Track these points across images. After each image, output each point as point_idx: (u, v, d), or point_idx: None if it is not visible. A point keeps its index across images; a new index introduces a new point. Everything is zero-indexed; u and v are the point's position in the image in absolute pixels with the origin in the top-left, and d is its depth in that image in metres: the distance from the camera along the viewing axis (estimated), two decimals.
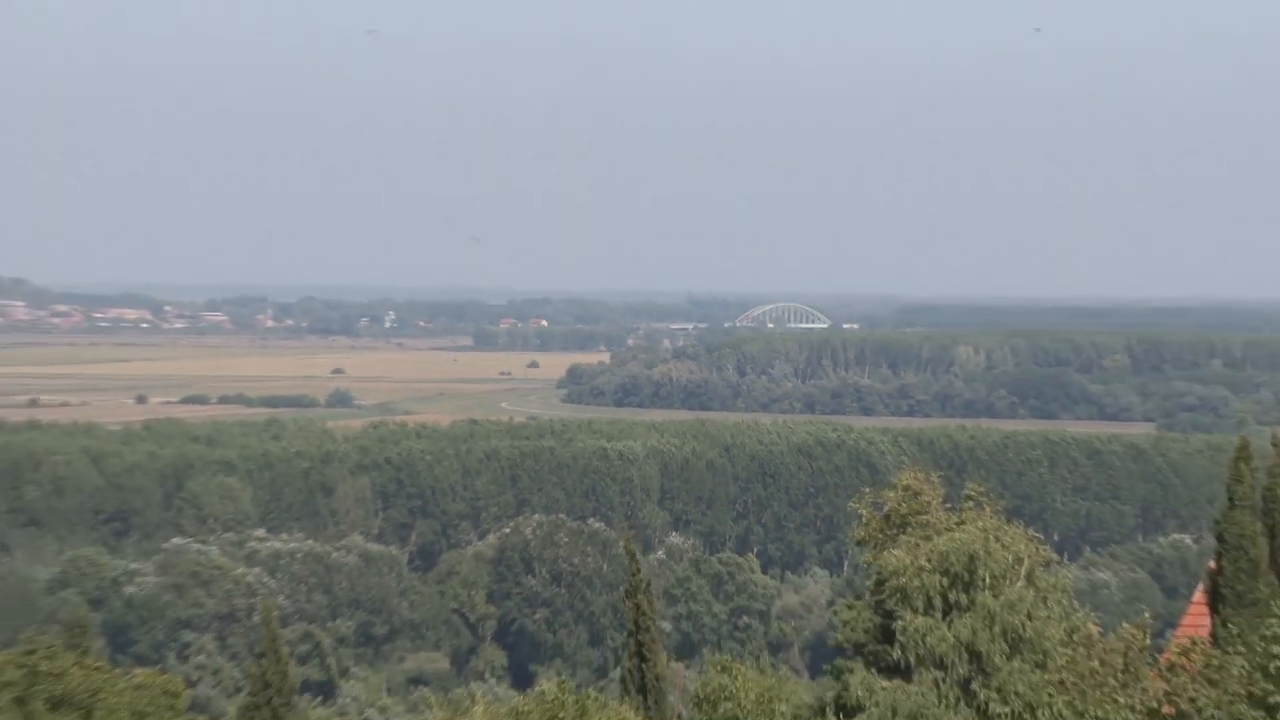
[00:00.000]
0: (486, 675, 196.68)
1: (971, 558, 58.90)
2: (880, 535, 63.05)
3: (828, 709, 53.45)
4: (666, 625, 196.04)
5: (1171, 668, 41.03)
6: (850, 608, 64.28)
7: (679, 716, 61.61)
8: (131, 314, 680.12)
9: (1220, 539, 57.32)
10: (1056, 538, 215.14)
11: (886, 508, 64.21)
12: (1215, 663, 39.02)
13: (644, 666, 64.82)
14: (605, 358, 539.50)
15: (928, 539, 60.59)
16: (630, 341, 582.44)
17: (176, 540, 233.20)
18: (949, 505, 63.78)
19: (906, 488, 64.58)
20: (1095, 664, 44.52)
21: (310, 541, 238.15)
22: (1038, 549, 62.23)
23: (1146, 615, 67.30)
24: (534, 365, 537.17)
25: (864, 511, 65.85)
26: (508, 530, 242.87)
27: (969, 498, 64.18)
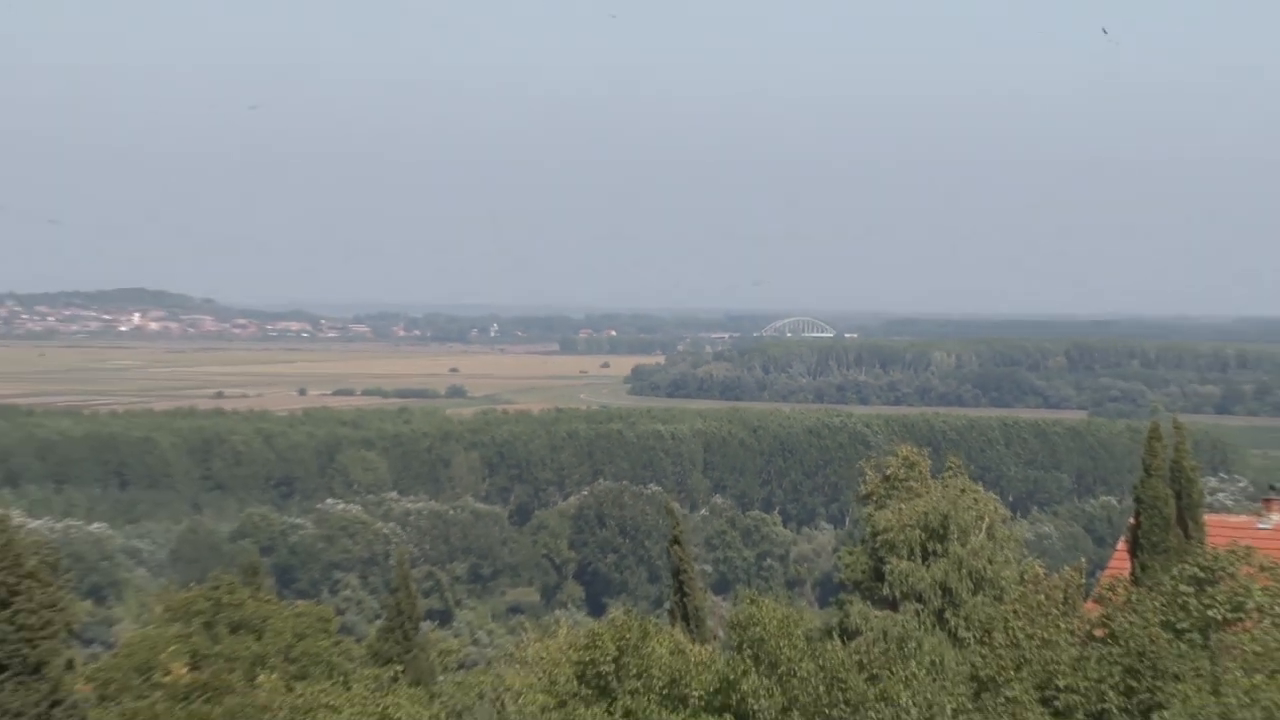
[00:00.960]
0: (569, 605, 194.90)
1: (945, 516, 59.25)
2: (880, 492, 61.51)
3: (833, 632, 51.71)
4: (708, 568, 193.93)
5: (1101, 600, 41.03)
6: (850, 554, 63.07)
7: (716, 637, 58.11)
8: (295, 326, 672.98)
9: (1138, 500, 55.71)
10: (1010, 499, 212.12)
11: (888, 471, 62.27)
12: (1135, 596, 38.89)
13: (684, 599, 63.08)
14: (661, 360, 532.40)
15: (912, 500, 60.97)
16: (680, 347, 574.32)
17: (329, 500, 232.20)
18: (933, 474, 61.35)
19: (905, 458, 62.70)
20: (1041, 598, 43.19)
21: (432, 502, 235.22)
22: (995, 508, 62.13)
23: (1081, 560, 68.11)
24: (606, 365, 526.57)
25: (869, 471, 64.11)
26: (584, 493, 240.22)
27: (949, 468, 62.29)
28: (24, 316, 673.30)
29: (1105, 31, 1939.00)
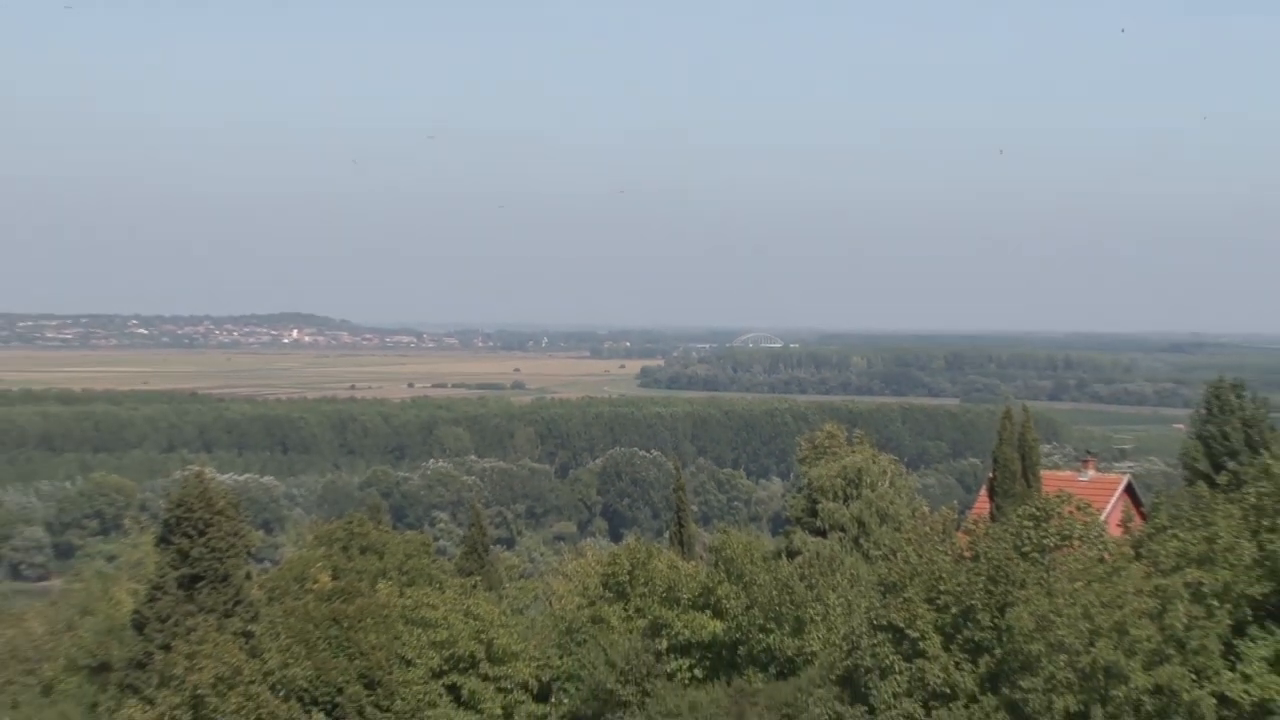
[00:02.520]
0: (596, 535, 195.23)
1: (859, 470, 58.62)
2: (813, 455, 62.80)
3: (781, 553, 51.95)
4: (695, 508, 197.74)
5: (969, 531, 40.02)
6: (793, 498, 64.27)
7: (701, 558, 57.50)
8: (405, 339, 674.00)
9: (994, 461, 57.36)
10: (905, 460, 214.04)
11: (818, 440, 63.84)
12: (992, 528, 38.54)
13: (681, 531, 63.78)
14: (661, 362, 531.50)
15: (835, 460, 60.51)
16: (674, 354, 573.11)
17: (429, 461, 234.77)
18: (849, 443, 63.15)
19: (829, 431, 64.40)
20: (926, 529, 42.47)
21: (500, 462, 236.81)
22: (894, 466, 62.14)
23: (954, 503, 69.03)
24: (622, 367, 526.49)
25: (803, 442, 66.11)
26: (607, 456, 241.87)
27: (860, 439, 63.96)
28: (216, 332, 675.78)
29: (1001, 152, 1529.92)
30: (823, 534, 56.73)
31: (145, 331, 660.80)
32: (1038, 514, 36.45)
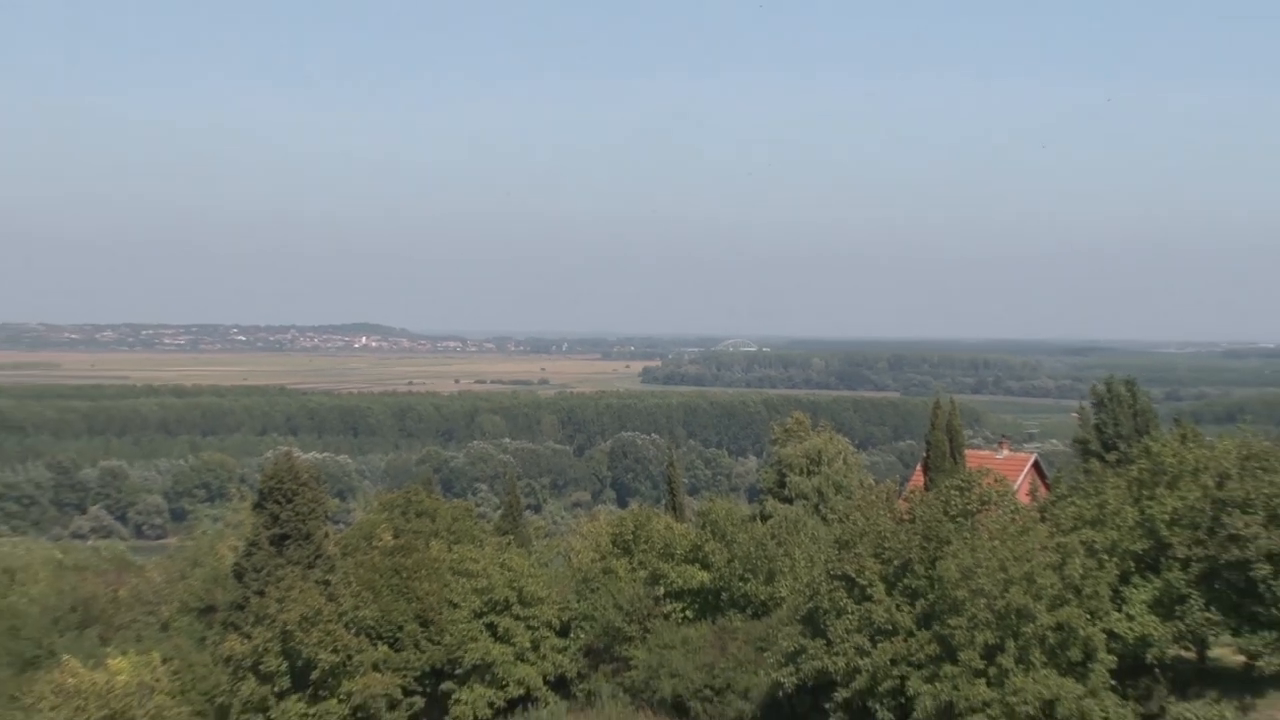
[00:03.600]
0: (606, 502, 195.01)
1: (819, 450, 59.08)
2: (781, 438, 62.52)
3: (756, 517, 51.55)
4: (686, 481, 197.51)
5: (908, 498, 39.50)
6: (766, 472, 64.57)
7: (690, 521, 55.58)
8: (452, 344, 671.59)
9: (928, 443, 56.90)
10: (856, 442, 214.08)
11: (786, 426, 63.44)
12: (926, 497, 37.79)
13: (674, 499, 63.14)
14: (659, 363, 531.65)
15: (799, 442, 60.62)
16: (670, 356, 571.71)
17: (472, 442, 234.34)
18: (810, 428, 62.69)
19: (795, 419, 64.14)
20: (872, 497, 41.21)
21: (529, 443, 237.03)
22: (847, 447, 62.46)
23: (895, 477, 68.98)
24: (628, 366, 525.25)
25: (775, 428, 65.44)
26: (615, 439, 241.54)
27: (821, 425, 63.67)
28: (300, 339, 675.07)
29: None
30: (790, 501, 56.54)
31: (243, 338, 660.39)
32: (962, 485, 36.31)
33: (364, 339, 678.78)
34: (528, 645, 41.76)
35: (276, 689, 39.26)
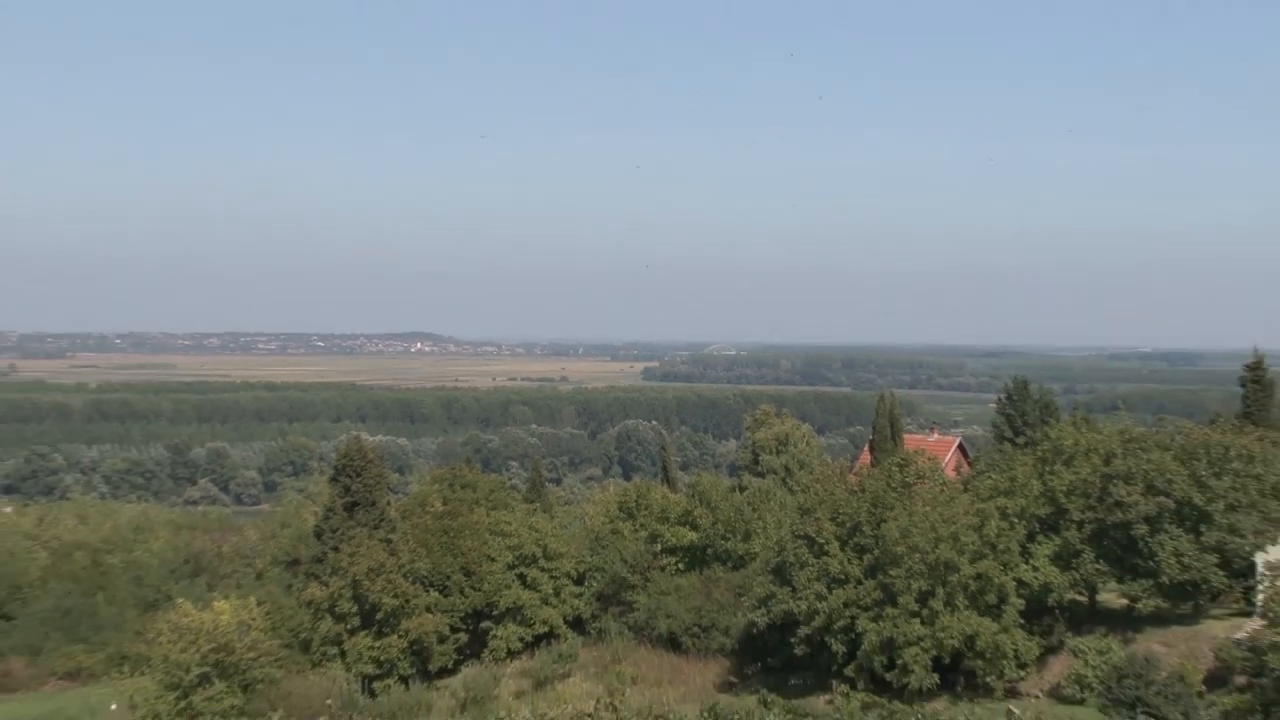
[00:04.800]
0: (615, 477, 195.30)
1: (786, 435, 58.57)
2: (754, 425, 62.00)
3: (735, 488, 50.98)
4: (678, 459, 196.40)
5: (858, 473, 39.67)
6: (743, 452, 64.03)
7: (681, 492, 55.59)
8: (490, 349, 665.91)
9: (874, 427, 56.24)
10: (817, 428, 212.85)
11: (758, 414, 63.09)
12: (872, 472, 38.08)
13: (668, 474, 63.80)
14: (657, 364, 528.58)
15: (770, 428, 60.15)
16: (666, 358, 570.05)
17: (506, 428, 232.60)
18: (778, 416, 62.32)
19: (764, 409, 63.66)
20: (829, 472, 41.70)
21: (552, 429, 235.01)
22: (809, 432, 62.49)
23: (847, 457, 68.45)
24: (632, 367, 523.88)
25: (749, 416, 65.28)
26: (622, 425, 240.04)
27: (787, 415, 63.53)
28: (368, 344, 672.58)
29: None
30: (762, 476, 56.26)
31: (321, 344, 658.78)
32: (901, 462, 36.35)
33: (419, 344, 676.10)
34: (550, 592, 41.75)
35: (348, 627, 39.38)
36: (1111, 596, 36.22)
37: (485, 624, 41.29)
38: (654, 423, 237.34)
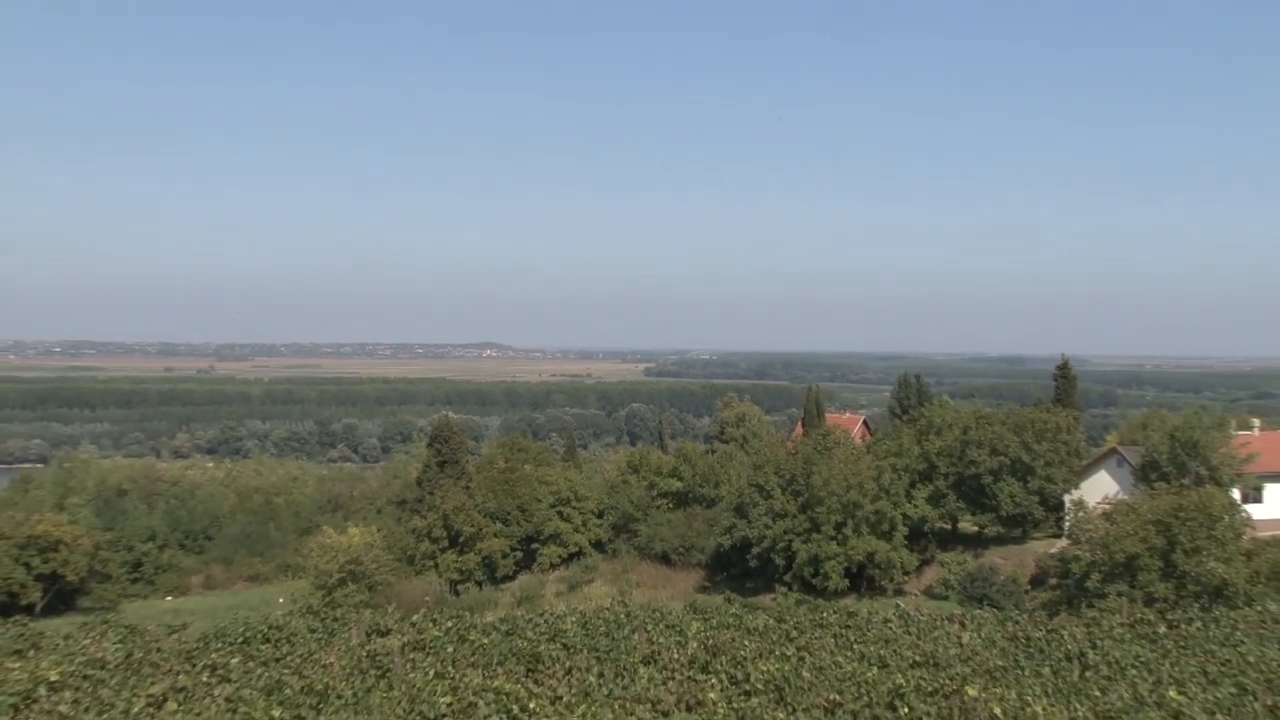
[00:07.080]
0: (625, 444, 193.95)
1: (744, 414, 58.03)
2: (723, 407, 61.08)
3: (709, 451, 50.20)
4: (670, 432, 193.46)
5: (793, 443, 38.90)
6: (714, 426, 64.22)
7: (672, 454, 52.00)
8: (537, 353, 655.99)
9: (805, 410, 54.54)
10: (765, 411, 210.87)
11: (725, 401, 62.38)
12: (802, 442, 37.58)
13: (662, 441, 64.25)
14: (656, 365, 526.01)
15: (732, 410, 59.59)
16: (662, 360, 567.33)
17: (549, 410, 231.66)
18: (739, 401, 61.35)
19: (728, 399, 63.03)
20: (773, 441, 41.20)
21: (581, 410, 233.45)
22: (760, 413, 62.90)
23: (787, 431, 67.58)
24: (637, 367, 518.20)
25: (720, 402, 64.44)
26: (629, 408, 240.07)
27: (745, 400, 62.78)
28: (452, 351, 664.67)
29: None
30: (727, 443, 55.84)
31: (421, 350, 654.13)
32: (824, 433, 36.67)
33: (488, 351, 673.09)
34: (580, 523, 41.80)
35: (440, 547, 39.52)
36: (967, 525, 36.44)
37: (534, 545, 41.31)
38: (652, 406, 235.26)
